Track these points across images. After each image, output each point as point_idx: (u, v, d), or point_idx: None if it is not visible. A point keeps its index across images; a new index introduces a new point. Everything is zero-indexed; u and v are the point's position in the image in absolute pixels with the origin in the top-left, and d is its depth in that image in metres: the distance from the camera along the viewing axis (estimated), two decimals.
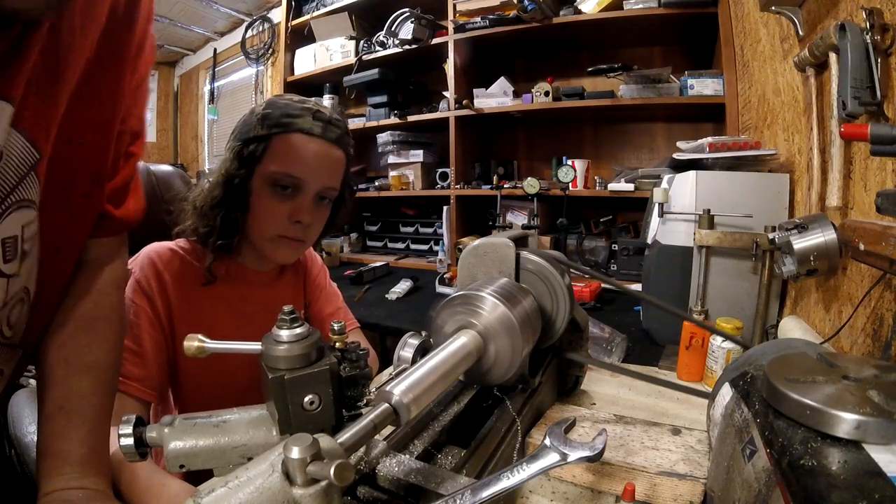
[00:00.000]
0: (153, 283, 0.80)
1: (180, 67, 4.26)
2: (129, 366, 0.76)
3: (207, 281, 0.84)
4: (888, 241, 0.60)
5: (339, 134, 0.83)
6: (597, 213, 2.17)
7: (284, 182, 0.80)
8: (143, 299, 0.79)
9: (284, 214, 0.81)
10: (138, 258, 0.82)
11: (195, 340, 0.47)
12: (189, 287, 0.84)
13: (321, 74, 2.56)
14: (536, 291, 0.64)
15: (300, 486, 0.31)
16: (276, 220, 0.81)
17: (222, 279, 0.87)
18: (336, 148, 0.83)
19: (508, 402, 0.59)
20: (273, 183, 0.80)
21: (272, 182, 0.80)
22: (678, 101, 1.76)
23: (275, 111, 0.79)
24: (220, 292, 0.87)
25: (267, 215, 0.81)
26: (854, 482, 0.31)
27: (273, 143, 0.79)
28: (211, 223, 0.82)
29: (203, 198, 0.82)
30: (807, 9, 1.02)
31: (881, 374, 0.40)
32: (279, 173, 0.79)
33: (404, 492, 0.45)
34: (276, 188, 0.80)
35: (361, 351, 0.49)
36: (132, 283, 0.80)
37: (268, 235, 0.83)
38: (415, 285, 1.83)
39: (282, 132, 0.79)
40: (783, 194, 1.08)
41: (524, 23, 1.87)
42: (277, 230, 0.82)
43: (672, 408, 0.78)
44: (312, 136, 0.80)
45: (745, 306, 1.06)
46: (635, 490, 0.49)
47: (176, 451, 0.43)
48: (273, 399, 0.43)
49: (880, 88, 0.73)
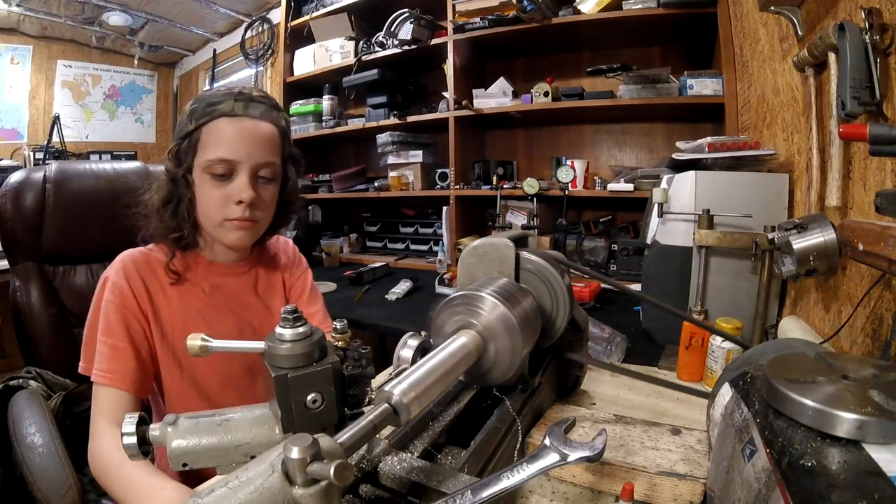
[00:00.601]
0: (128, 282, 0.83)
1: (180, 68, 4.26)
2: (115, 361, 0.78)
3: (172, 280, 0.86)
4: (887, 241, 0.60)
5: (263, 109, 0.84)
6: (596, 214, 2.17)
7: (219, 168, 0.81)
8: (119, 298, 0.81)
9: (226, 198, 0.83)
10: (114, 264, 0.86)
11: (198, 339, 0.47)
12: (160, 284, 0.86)
13: (321, 75, 2.56)
14: (536, 291, 0.64)
15: (300, 487, 0.31)
16: (219, 206, 0.83)
17: (191, 275, 0.90)
18: (263, 122, 0.84)
19: (508, 402, 0.59)
20: (210, 171, 0.82)
21: (209, 170, 0.82)
22: (677, 101, 1.76)
23: (200, 104, 0.82)
24: (191, 288, 0.89)
25: (211, 203, 0.83)
26: (854, 482, 0.31)
27: (202, 133, 0.81)
28: (165, 222, 0.84)
29: (155, 199, 0.85)
30: (806, 9, 1.02)
31: (880, 374, 0.40)
32: (211, 160, 0.81)
33: (406, 490, 0.45)
34: (213, 175, 0.82)
35: (363, 350, 0.49)
36: (109, 286, 0.83)
37: (216, 222, 0.85)
38: (414, 286, 1.83)
39: (208, 120, 0.81)
40: (782, 194, 1.08)
41: (523, 23, 1.87)
42: (223, 214, 0.84)
43: (672, 408, 0.78)
44: (235, 117, 0.82)
45: (745, 306, 1.06)
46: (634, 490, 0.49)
47: (179, 450, 0.43)
48: (276, 397, 0.43)
49: (879, 88, 0.73)
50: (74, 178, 1.16)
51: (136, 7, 3.19)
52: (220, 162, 0.81)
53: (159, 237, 0.87)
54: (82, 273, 1.18)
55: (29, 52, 3.50)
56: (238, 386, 0.90)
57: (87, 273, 1.18)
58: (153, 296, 0.85)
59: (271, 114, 0.86)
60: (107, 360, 0.77)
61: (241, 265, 0.96)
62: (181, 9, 3.26)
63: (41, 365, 1.05)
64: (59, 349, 1.09)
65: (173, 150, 0.83)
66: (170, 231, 0.85)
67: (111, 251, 1.19)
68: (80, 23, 3.33)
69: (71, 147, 3.55)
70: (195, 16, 3.39)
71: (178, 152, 0.83)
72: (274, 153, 0.87)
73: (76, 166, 1.21)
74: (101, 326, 0.80)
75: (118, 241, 1.18)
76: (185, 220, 0.85)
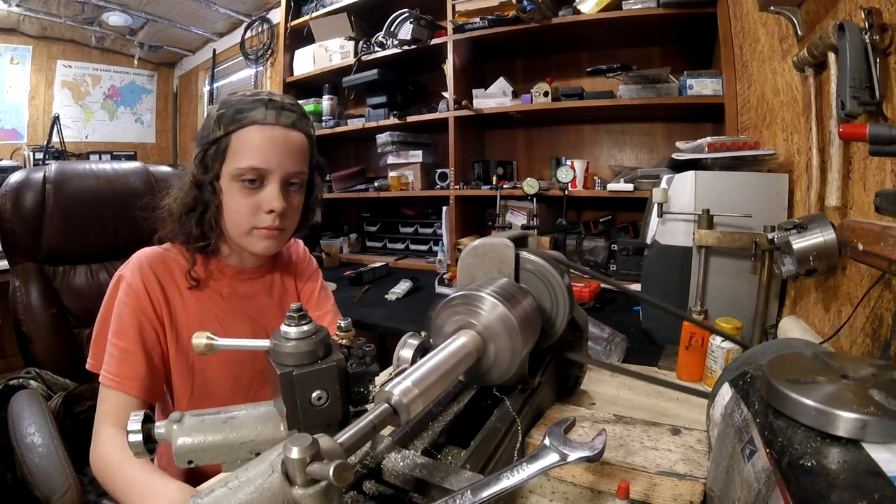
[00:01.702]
0: (144, 285, 0.81)
1: (179, 68, 4.26)
2: (125, 366, 0.77)
3: (191, 285, 0.86)
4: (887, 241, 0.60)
5: (294, 118, 0.84)
6: (596, 214, 2.17)
7: (250, 176, 0.81)
8: (134, 300, 0.80)
9: (256, 206, 0.82)
10: (129, 263, 0.84)
11: (203, 338, 0.48)
12: (178, 288, 0.85)
13: (320, 75, 2.56)
14: (536, 291, 0.64)
15: (300, 487, 0.31)
16: (248, 214, 0.82)
17: (209, 279, 0.89)
18: (294, 131, 0.84)
19: (508, 402, 0.59)
20: (240, 179, 0.81)
21: (239, 178, 0.81)
22: (677, 101, 1.76)
23: (228, 110, 0.80)
24: (208, 292, 0.88)
25: (240, 211, 0.82)
26: (854, 482, 0.31)
27: (232, 140, 0.80)
28: (188, 228, 0.83)
29: (177, 205, 0.84)
30: (806, 9, 1.02)
31: (879, 373, 0.40)
32: (243, 168, 0.80)
33: (410, 487, 0.45)
34: (244, 183, 0.81)
35: (367, 348, 0.49)
36: (124, 286, 0.81)
37: (244, 230, 0.84)
38: (414, 286, 1.83)
39: (238, 128, 0.80)
40: (782, 194, 1.08)
41: (523, 23, 1.87)
42: (252, 223, 0.83)
43: (672, 408, 0.78)
44: (268, 125, 0.81)
45: (745, 306, 1.06)
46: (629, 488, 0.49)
47: (184, 447, 0.43)
48: (281, 395, 0.44)
49: (879, 88, 0.73)
50: (74, 179, 1.16)
51: (136, 7, 3.20)
52: (251, 170, 0.80)
53: (176, 240, 0.86)
54: (82, 273, 1.18)
55: (29, 52, 3.51)
56: (249, 390, 0.90)
57: (86, 273, 1.18)
58: (170, 299, 0.84)
59: (301, 122, 0.85)
60: (116, 364, 0.77)
61: (259, 270, 0.96)
62: (181, 9, 3.26)
63: (41, 365, 1.05)
64: (58, 349, 1.09)
65: (199, 156, 0.82)
66: (193, 238, 0.84)
67: (111, 251, 1.21)
68: (80, 23, 3.33)
69: (71, 147, 3.55)
70: (195, 16, 3.39)
71: (203, 158, 0.81)
72: (303, 162, 0.86)
73: (76, 167, 1.21)
74: (113, 328, 0.79)
75: (118, 241, 1.19)
76: (212, 229, 0.84)
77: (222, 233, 0.86)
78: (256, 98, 0.81)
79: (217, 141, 0.80)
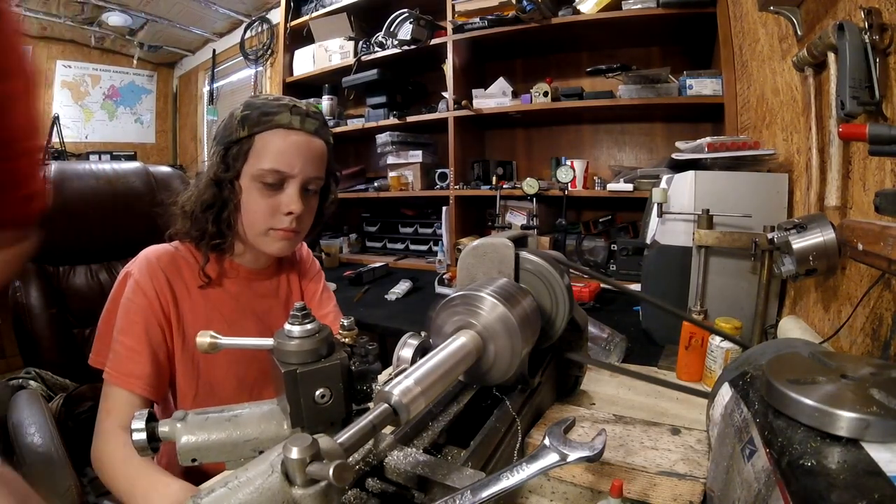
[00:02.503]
0: (152, 283, 0.81)
1: (179, 68, 4.26)
2: (131, 364, 0.77)
3: (203, 283, 0.86)
4: (887, 240, 0.60)
5: (317, 125, 0.85)
6: (596, 214, 2.17)
7: (271, 178, 0.82)
8: (142, 298, 0.80)
9: (274, 208, 0.83)
10: (137, 260, 0.84)
11: (207, 336, 0.48)
12: (186, 286, 0.85)
13: (320, 75, 2.56)
14: (536, 291, 0.64)
15: (299, 487, 0.31)
16: (267, 215, 0.83)
17: (219, 278, 0.89)
18: (316, 138, 0.85)
19: (508, 402, 0.59)
20: (260, 180, 0.82)
21: (259, 179, 0.82)
22: (677, 101, 1.76)
23: (253, 112, 0.81)
24: (217, 291, 0.88)
25: (258, 211, 0.83)
26: (854, 482, 0.31)
27: (256, 142, 0.81)
28: (203, 226, 0.84)
29: (193, 202, 0.84)
30: (805, 9, 1.02)
31: (879, 373, 0.40)
32: (265, 170, 0.81)
33: (412, 484, 0.45)
34: (264, 184, 0.82)
35: (370, 346, 0.50)
36: (131, 283, 0.80)
37: (260, 230, 0.85)
38: (414, 286, 1.83)
39: (262, 130, 0.81)
40: (782, 194, 1.08)
41: (523, 23, 1.87)
42: (269, 224, 0.84)
43: (671, 408, 0.78)
44: (292, 130, 0.82)
45: (745, 306, 1.06)
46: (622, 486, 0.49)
47: (188, 446, 0.44)
48: (285, 393, 0.44)
49: (879, 88, 0.73)
50: (74, 179, 1.16)
51: (136, 7, 3.20)
52: (273, 172, 0.81)
53: (187, 237, 0.86)
54: (82, 273, 1.18)
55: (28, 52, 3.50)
56: (253, 391, 0.90)
57: (86, 273, 1.18)
58: (178, 298, 0.84)
59: (323, 130, 0.87)
60: (121, 361, 0.77)
61: (268, 270, 0.96)
62: (181, 9, 3.26)
63: (41, 365, 1.05)
64: (59, 349, 1.09)
65: (220, 154, 0.83)
66: (208, 235, 0.84)
67: (111, 251, 1.20)
68: (80, 23, 3.33)
69: (70, 147, 3.55)
70: (194, 16, 3.39)
71: (225, 156, 0.82)
72: (322, 168, 0.88)
73: (75, 167, 1.21)
74: (119, 325, 0.79)
75: (118, 241, 1.19)
76: (229, 227, 0.84)
77: (237, 232, 0.87)
78: (281, 103, 0.83)
79: (240, 141, 0.81)
